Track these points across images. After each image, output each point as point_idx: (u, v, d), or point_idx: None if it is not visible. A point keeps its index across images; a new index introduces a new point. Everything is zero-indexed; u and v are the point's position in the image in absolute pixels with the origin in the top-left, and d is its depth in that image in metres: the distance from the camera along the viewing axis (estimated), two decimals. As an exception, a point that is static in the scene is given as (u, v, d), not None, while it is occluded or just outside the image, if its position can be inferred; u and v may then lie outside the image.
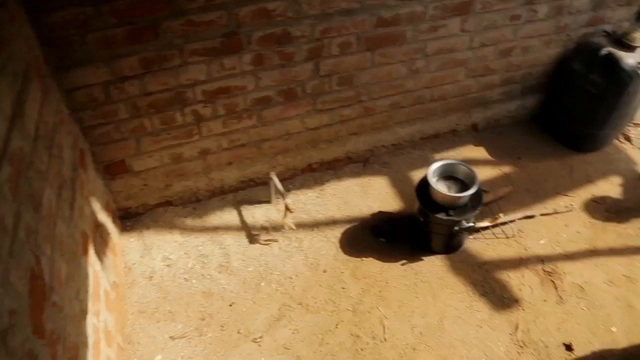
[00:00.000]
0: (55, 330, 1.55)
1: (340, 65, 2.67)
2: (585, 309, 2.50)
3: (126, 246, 2.73)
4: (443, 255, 2.70)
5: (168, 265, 2.66)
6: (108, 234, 2.48)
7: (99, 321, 2.01)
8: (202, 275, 2.62)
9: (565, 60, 3.22)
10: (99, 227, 2.35)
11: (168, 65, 2.33)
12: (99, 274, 2.16)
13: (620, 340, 2.37)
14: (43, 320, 1.47)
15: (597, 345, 2.35)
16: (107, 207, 2.57)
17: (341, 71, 2.70)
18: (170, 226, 2.84)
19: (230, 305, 2.50)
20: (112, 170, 2.62)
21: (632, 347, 2.34)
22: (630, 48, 2.92)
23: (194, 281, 2.60)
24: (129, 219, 2.85)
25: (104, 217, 2.47)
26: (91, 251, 2.12)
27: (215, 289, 2.56)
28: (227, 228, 2.86)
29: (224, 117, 2.64)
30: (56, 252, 1.71)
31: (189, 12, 2.20)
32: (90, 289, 1.98)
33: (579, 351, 2.33)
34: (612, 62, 2.90)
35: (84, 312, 1.86)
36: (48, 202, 1.74)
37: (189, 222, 2.87)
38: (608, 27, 3.20)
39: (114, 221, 2.67)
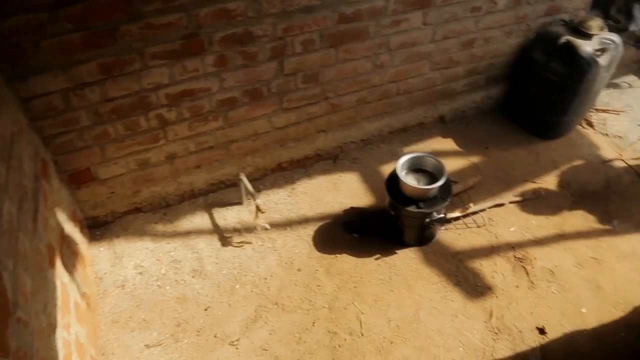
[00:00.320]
0: (22, 347, 1.51)
1: (304, 63, 2.67)
2: (556, 292, 2.55)
3: (96, 256, 2.68)
4: (416, 248, 2.72)
5: (140, 273, 2.61)
6: (76, 244, 2.42)
7: (70, 334, 1.96)
8: (176, 280, 2.59)
9: (526, 50, 3.28)
10: (65, 238, 2.29)
11: (129, 70, 2.29)
12: (68, 286, 2.11)
13: (590, 320, 2.42)
14: (7, 337, 1.43)
15: (568, 327, 2.40)
16: (73, 217, 2.51)
17: (306, 69, 2.69)
18: (141, 233, 2.79)
19: (206, 310, 2.47)
20: (77, 179, 2.56)
21: (602, 326, 2.40)
22: (587, 36, 2.99)
23: (167, 287, 2.56)
24: (97, 228, 2.79)
25: (70, 228, 2.41)
26: (58, 263, 2.07)
27: (189, 294, 2.53)
28: (199, 232, 2.83)
29: (189, 120, 2.60)
30: (19, 267, 1.66)
31: (147, 14, 2.16)
32: (59, 302, 1.94)
33: (552, 334, 2.37)
34: (571, 51, 2.96)
35: (52, 326, 1.81)
36: (8, 215, 1.69)
37: (160, 227, 2.83)
38: (566, 16, 3.27)
39: (82, 231, 2.61)
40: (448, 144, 3.35)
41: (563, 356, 2.29)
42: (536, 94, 3.27)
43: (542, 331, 2.39)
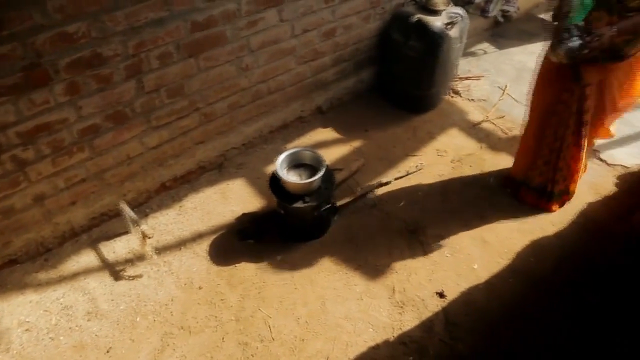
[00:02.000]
0: None
1: (165, 77, 2.57)
2: (449, 255, 2.69)
3: (-29, 322, 2.42)
4: (313, 241, 2.75)
5: (27, 330, 2.40)
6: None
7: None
8: (70, 328, 2.41)
9: (385, 32, 3.42)
10: None
11: (-35, 114, 2.08)
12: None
13: (482, 274, 2.59)
14: None
15: (464, 285, 2.55)
16: None
17: (168, 83, 2.60)
18: (21, 286, 2.56)
19: (108, 352, 2.33)
20: None
21: (492, 277, 2.57)
22: (435, 12, 3.17)
23: (61, 338, 2.38)
24: (-32, 292, 2.52)
25: None
26: None
27: (87, 339, 2.37)
28: (88, 271, 2.65)
29: (51, 156, 2.42)
30: None
31: (-26, 50, 1.97)
32: None
33: (451, 295, 2.51)
34: (423, 28, 3.13)
35: None
36: None
37: (43, 276, 2.62)
38: (416, -4, 3.44)
39: (-52, 299, 2.35)
40: (329, 133, 3.41)
41: (463, 313, 2.43)
42: (402, 72, 3.42)
43: (441, 295, 2.51)
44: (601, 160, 3.17)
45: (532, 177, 2.80)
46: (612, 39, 2.10)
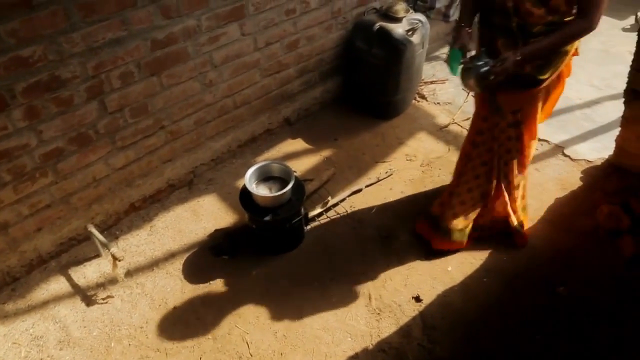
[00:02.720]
0: None
1: (128, 97, 2.54)
2: (423, 259, 2.70)
3: None
4: (287, 253, 2.73)
5: (-5, 364, 2.32)
6: None
7: None
8: (41, 359, 2.34)
9: (349, 41, 3.45)
10: None
11: None
12: None
13: (457, 276, 2.61)
14: None
15: (440, 288, 2.56)
16: None
17: (131, 102, 2.57)
18: (-13, 319, 2.49)
19: (82, 381, 2.27)
20: None
21: (466, 278, 2.59)
22: (396, 20, 3.22)
23: (32, 370, 2.31)
24: None
25: None
26: None
27: (59, 369, 2.31)
28: (58, 298, 2.58)
29: (12, 182, 2.35)
30: None
31: None
32: None
33: (427, 299, 2.51)
34: (385, 35, 3.17)
35: None
36: None
37: (10, 306, 2.54)
38: (377, 4, 3.49)
39: None
40: (298, 144, 3.41)
41: (440, 316, 2.44)
42: (367, 80, 3.45)
43: (417, 299, 2.52)
44: (565, 155, 3.24)
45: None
46: (517, 65, 2.03)
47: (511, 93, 2.26)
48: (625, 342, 2.29)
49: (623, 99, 2.85)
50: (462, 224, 2.61)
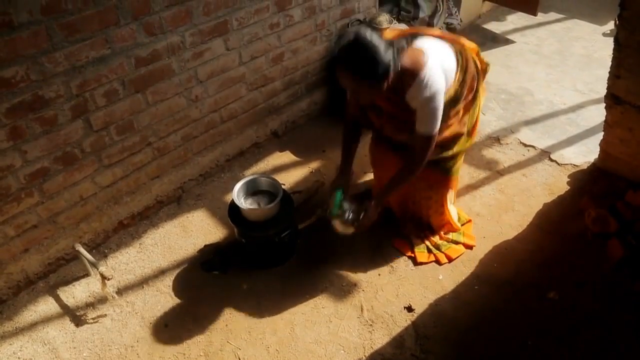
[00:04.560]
0: None
1: (113, 115, 2.54)
2: (414, 268, 2.70)
3: None
4: (278, 267, 2.72)
5: (-17, 389, 2.29)
6: None
7: None
8: (30, 383, 2.31)
9: (333, 53, 3.45)
10: None
11: None
12: None
13: (448, 284, 2.61)
14: None
15: (431, 297, 2.55)
16: None
17: (117, 120, 2.56)
18: (-25, 343, 2.45)
19: (72, 403, 2.24)
20: None
21: (458, 286, 2.59)
22: (380, 31, 3.22)
23: (21, 394, 2.28)
24: None
25: None
26: None
27: (49, 392, 2.27)
28: (47, 320, 2.55)
29: (-3, 204, 2.34)
30: None
31: None
32: None
33: (419, 308, 2.51)
34: (369, 45, 3.17)
35: None
36: None
37: (-3, 330, 2.51)
38: (360, 16, 3.52)
39: None
40: (287, 156, 3.41)
41: (433, 325, 2.43)
42: (353, 91, 3.45)
43: (409, 309, 2.51)
44: (552, 160, 3.27)
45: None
46: (376, 210, 2.37)
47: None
48: (615, 345, 2.29)
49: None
50: (430, 243, 2.78)
